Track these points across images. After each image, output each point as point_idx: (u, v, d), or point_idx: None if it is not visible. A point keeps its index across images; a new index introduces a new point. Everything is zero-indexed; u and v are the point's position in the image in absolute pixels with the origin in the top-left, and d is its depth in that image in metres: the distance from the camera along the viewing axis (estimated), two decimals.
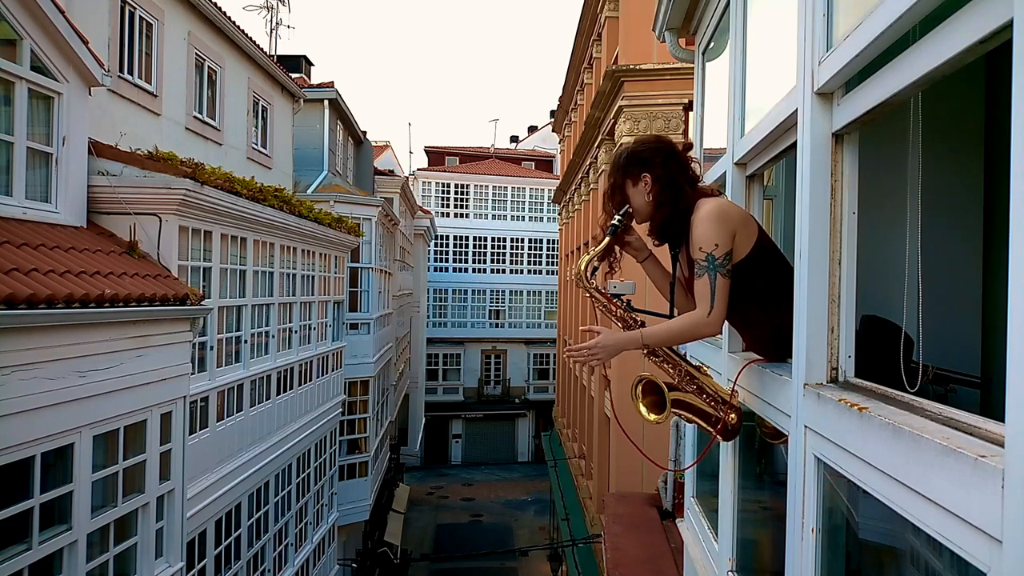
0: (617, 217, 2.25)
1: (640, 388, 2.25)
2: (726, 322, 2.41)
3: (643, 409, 2.24)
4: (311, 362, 11.41)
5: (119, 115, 7.98)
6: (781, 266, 2.18)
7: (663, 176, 2.25)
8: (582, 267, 2.25)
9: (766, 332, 2.24)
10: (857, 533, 1.84)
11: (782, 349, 2.10)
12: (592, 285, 2.26)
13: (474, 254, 33.47)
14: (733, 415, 2.24)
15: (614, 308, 2.26)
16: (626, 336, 2.18)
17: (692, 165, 2.32)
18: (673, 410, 2.23)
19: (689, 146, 2.38)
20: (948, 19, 1.23)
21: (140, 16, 8.55)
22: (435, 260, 32.94)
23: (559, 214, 25.74)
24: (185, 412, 6.54)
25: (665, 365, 2.25)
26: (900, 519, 1.32)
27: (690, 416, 2.27)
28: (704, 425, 2.27)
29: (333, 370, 12.74)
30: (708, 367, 3.10)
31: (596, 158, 14.75)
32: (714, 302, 2.10)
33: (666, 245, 2.37)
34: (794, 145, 2.02)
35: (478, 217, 33.57)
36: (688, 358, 2.27)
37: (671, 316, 2.33)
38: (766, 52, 2.49)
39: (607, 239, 2.25)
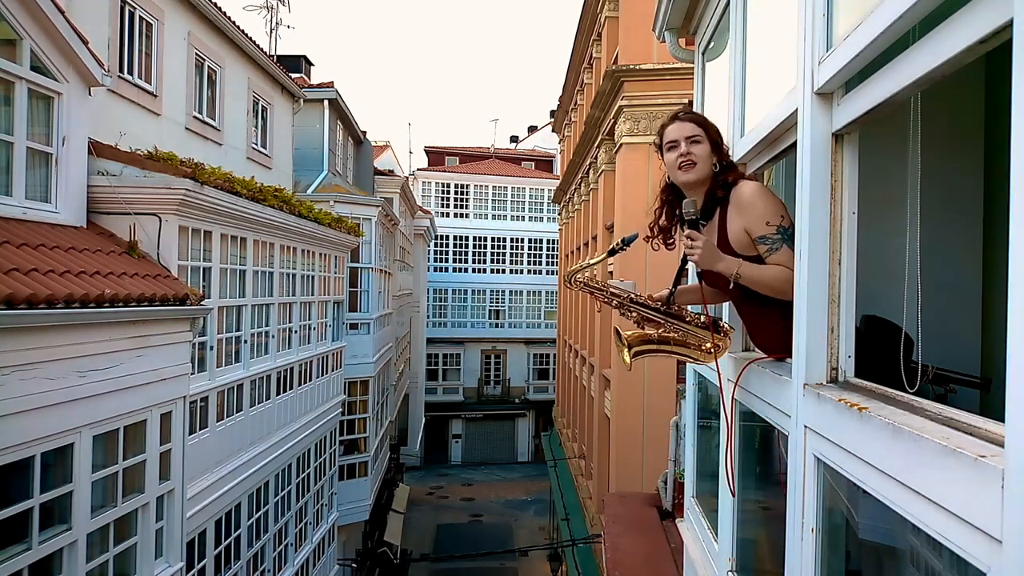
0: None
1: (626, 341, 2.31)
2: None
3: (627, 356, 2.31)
4: (311, 362, 11.41)
5: (119, 115, 7.98)
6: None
7: (719, 139, 2.33)
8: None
9: (779, 328, 2.16)
10: (857, 533, 1.84)
11: (790, 346, 2.06)
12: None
13: (474, 254, 33.48)
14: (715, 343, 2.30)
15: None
16: (726, 258, 2.17)
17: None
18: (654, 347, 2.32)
19: None
20: (948, 19, 1.23)
21: (140, 16, 8.55)
22: (435, 260, 32.94)
23: (559, 214, 25.74)
24: (185, 412, 6.54)
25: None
26: (900, 519, 1.32)
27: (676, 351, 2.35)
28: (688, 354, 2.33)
29: (333, 370, 12.74)
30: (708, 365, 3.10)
31: (596, 158, 14.75)
32: None
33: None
34: (794, 145, 2.02)
35: (478, 217, 33.57)
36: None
37: (670, 300, 2.34)
38: (766, 52, 2.49)
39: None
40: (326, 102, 15.72)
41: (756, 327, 2.38)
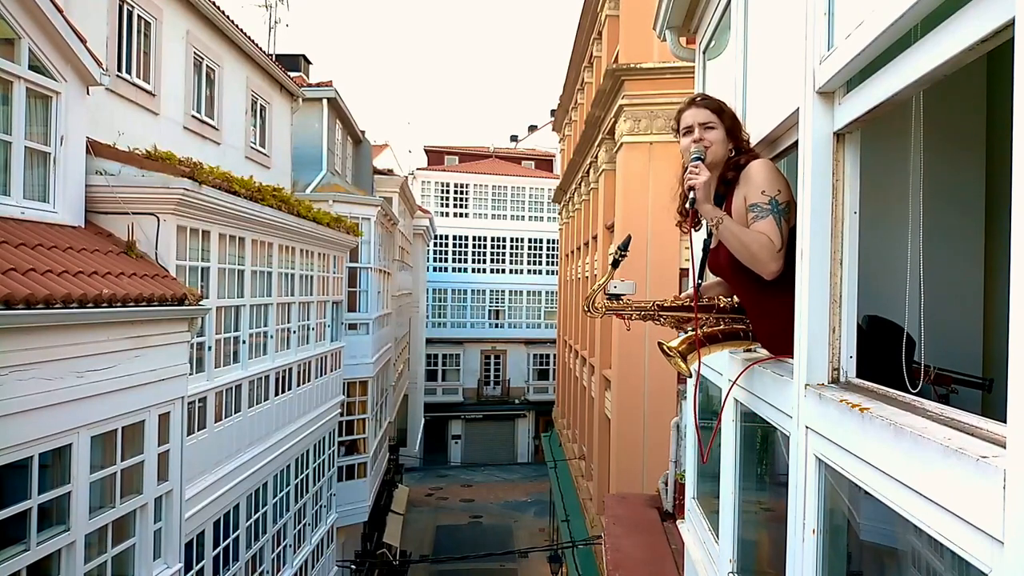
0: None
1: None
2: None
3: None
4: (310, 363, 11.40)
5: (117, 114, 7.96)
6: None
7: (735, 126, 2.36)
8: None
9: (781, 323, 2.10)
10: (858, 534, 1.83)
11: (792, 342, 2.04)
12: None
13: (474, 254, 33.47)
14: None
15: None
16: (711, 204, 2.22)
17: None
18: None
19: None
20: (949, 19, 1.23)
21: (138, 15, 8.53)
22: (434, 260, 32.94)
23: (559, 213, 25.74)
24: (183, 413, 6.53)
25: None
26: (901, 520, 1.32)
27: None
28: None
29: (332, 371, 12.72)
30: (710, 366, 3.10)
31: (596, 157, 14.75)
32: (782, 242, 2.08)
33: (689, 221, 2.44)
34: (795, 144, 2.02)
35: (478, 217, 33.57)
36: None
37: (697, 295, 2.39)
38: (767, 51, 2.48)
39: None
40: (325, 101, 15.70)
41: (759, 321, 2.37)
